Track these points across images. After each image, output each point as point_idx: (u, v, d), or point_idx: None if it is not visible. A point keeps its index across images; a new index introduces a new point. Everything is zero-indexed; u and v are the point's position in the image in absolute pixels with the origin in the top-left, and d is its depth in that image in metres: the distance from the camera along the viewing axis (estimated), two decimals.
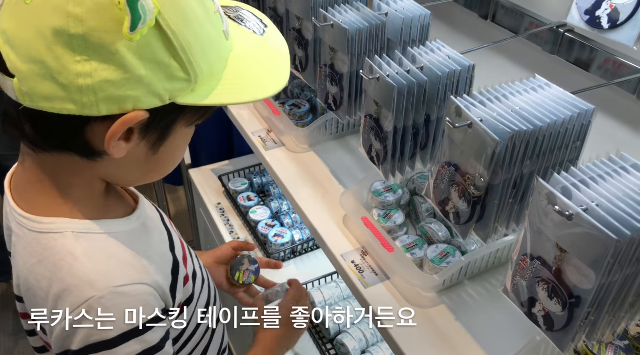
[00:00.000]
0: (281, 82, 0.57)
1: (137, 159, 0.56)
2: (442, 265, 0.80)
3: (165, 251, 0.64)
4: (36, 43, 0.46)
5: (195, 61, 0.50)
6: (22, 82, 0.47)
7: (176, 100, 0.51)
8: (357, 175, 1.04)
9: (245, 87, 0.55)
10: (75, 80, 0.47)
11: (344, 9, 0.88)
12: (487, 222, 0.64)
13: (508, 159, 0.59)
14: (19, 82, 0.47)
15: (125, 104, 0.49)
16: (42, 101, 0.48)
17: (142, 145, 0.54)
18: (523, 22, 0.97)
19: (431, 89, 0.73)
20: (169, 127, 0.55)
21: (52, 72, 0.46)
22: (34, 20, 0.45)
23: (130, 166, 0.57)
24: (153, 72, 0.48)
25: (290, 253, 1.33)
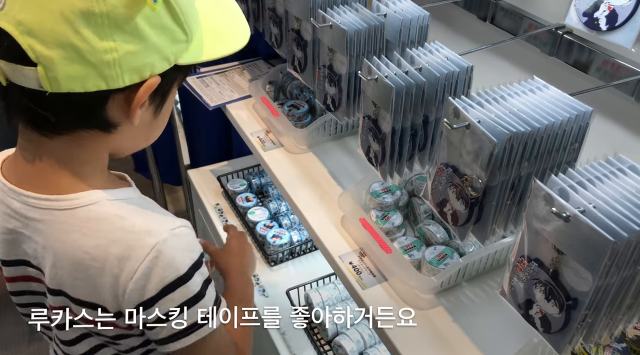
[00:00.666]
0: (245, 28, 0.63)
1: (143, 125, 0.60)
2: (440, 267, 0.79)
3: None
4: (62, 28, 0.48)
5: (188, 21, 0.55)
6: (50, 68, 0.49)
7: (178, 61, 0.56)
8: (355, 176, 1.04)
9: (222, 41, 0.61)
10: (103, 57, 0.50)
11: (343, 9, 0.88)
12: (485, 224, 0.64)
13: (506, 160, 0.59)
14: (44, 69, 0.49)
15: (144, 72, 0.53)
16: (72, 83, 0.50)
17: (149, 111, 0.59)
18: (522, 23, 0.97)
19: (429, 90, 0.73)
20: (170, 88, 0.60)
21: (82, 52, 0.49)
22: (56, 6, 0.48)
23: (138, 133, 0.61)
24: (162, 37, 0.53)
25: (289, 254, 1.33)
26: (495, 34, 1.02)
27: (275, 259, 1.31)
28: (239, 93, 1.31)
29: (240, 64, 1.44)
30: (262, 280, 1.28)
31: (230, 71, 1.41)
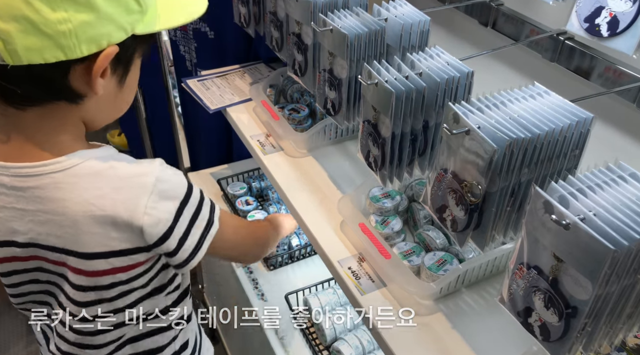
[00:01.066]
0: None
1: (109, 95, 0.63)
2: (439, 273, 0.79)
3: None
4: (14, 1, 0.50)
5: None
6: (8, 41, 0.51)
7: (135, 31, 0.58)
8: (355, 181, 1.03)
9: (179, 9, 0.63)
10: (58, 28, 0.52)
11: (344, 14, 0.88)
12: (485, 230, 0.64)
13: (505, 166, 0.58)
14: (2, 43, 0.51)
15: (101, 41, 0.55)
16: (31, 54, 0.52)
17: (112, 81, 0.62)
18: (523, 29, 0.97)
19: (429, 95, 0.73)
20: (131, 59, 0.62)
21: (36, 24, 0.51)
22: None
23: (106, 103, 0.64)
24: (115, 7, 0.55)
25: (288, 258, 1.32)
26: (497, 39, 1.01)
27: (274, 263, 1.31)
28: (239, 96, 1.31)
29: (242, 67, 1.44)
30: (261, 284, 1.28)
31: (231, 74, 1.41)
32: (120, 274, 0.66)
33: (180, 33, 1.55)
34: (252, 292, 1.24)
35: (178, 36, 1.55)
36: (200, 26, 1.50)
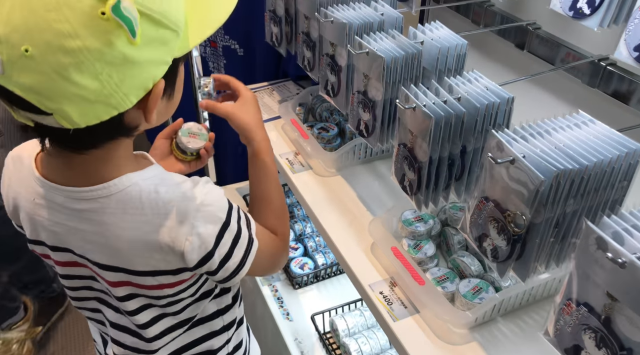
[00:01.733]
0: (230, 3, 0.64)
1: (160, 112, 0.63)
2: (475, 301, 0.77)
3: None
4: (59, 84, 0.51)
5: (174, 18, 0.56)
6: (63, 115, 0.53)
7: (175, 56, 0.58)
8: (385, 202, 1.03)
9: (206, 19, 0.62)
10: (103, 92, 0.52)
11: (379, 36, 0.88)
12: (527, 261, 0.62)
13: (551, 198, 0.57)
14: (59, 116, 0.53)
15: (147, 84, 0.56)
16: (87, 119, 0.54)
17: (163, 101, 0.62)
18: (559, 52, 0.95)
19: (468, 120, 0.72)
20: (176, 76, 0.63)
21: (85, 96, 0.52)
22: (49, 67, 0.50)
23: (159, 119, 0.64)
24: (153, 48, 0.54)
25: (313, 277, 1.31)
26: (532, 63, 1.00)
27: (300, 282, 1.30)
28: (268, 114, 1.31)
29: (270, 84, 1.45)
30: (286, 303, 1.27)
31: (259, 91, 1.42)
32: (167, 289, 0.68)
33: (210, 49, 1.57)
34: (277, 311, 1.23)
35: (208, 53, 1.57)
36: (230, 43, 1.52)
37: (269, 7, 1.22)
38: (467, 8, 1.12)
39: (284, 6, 1.15)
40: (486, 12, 1.06)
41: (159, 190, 0.63)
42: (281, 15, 1.17)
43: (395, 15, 0.94)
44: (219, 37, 1.51)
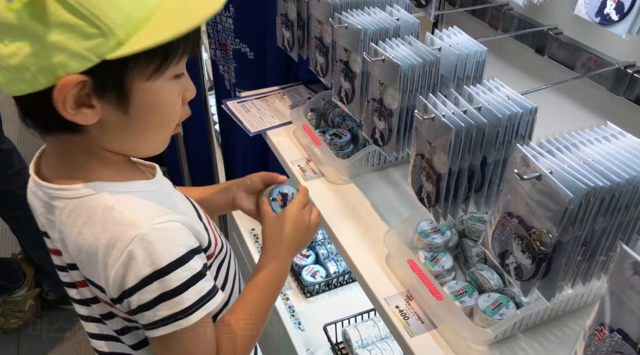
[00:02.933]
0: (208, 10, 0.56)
1: (116, 123, 0.60)
2: (495, 318, 0.75)
3: (192, 214, 0.71)
4: None
5: (102, 14, 0.52)
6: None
7: (106, 57, 0.53)
8: (399, 210, 1.00)
9: (173, 24, 0.55)
10: (10, 62, 0.52)
11: (395, 42, 0.85)
12: (553, 281, 0.60)
13: (580, 216, 0.54)
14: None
15: (57, 72, 0.53)
16: (8, 88, 0.55)
17: (107, 109, 0.59)
18: (580, 57, 0.92)
19: (490, 131, 0.69)
20: (121, 84, 0.58)
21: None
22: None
23: (116, 132, 0.62)
24: (64, 35, 0.52)
25: (325, 285, 1.29)
26: (553, 69, 0.97)
27: (312, 291, 1.28)
28: (279, 119, 1.29)
29: (281, 89, 1.43)
30: (298, 312, 1.25)
31: (270, 96, 1.40)
32: (103, 303, 0.68)
33: (220, 52, 1.55)
34: (289, 320, 1.21)
35: (218, 56, 1.55)
36: (240, 46, 1.50)
37: (280, 10, 1.20)
38: (484, 12, 1.09)
39: (296, 10, 1.13)
40: (504, 16, 1.03)
41: (115, 208, 0.60)
42: (293, 19, 1.15)
43: (412, 21, 0.92)
44: (229, 40, 1.49)
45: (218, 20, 1.46)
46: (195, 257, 0.63)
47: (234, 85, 1.59)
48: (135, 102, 0.60)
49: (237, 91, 1.58)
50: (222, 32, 1.48)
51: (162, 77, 0.61)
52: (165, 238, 0.60)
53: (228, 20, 1.45)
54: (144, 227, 0.59)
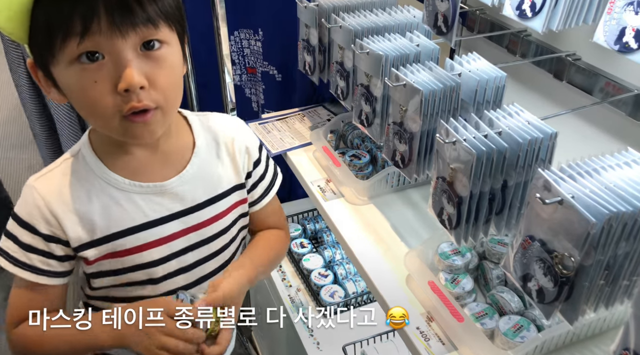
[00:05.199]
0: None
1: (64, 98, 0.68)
2: (516, 340, 0.75)
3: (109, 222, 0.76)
4: None
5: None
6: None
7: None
8: (418, 231, 1.01)
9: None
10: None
11: (416, 68, 0.88)
12: (575, 304, 0.60)
13: (603, 240, 0.55)
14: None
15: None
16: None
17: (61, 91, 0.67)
18: (598, 82, 0.94)
19: (510, 155, 0.71)
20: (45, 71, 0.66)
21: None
22: None
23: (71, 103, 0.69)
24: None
25: (344, 305, 1.30)
26: (570, 93, 0.98)
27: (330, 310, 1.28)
28: (299, 140, 1.32)
29: (301, 110, 1.46)
30: (316, 332, 1.25)
31: (291, 117, 1.43)
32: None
33: (247, 76, 1.60)
34: (308, 340, 1.22)
35: (244, 80, 1.60)
36: (268, 69, 1.55)
37: (302, 36, 1.24)
38: (502, 37, 1.11)
39: (318, 36, 1.16)
40: (522, 42, 1.05)
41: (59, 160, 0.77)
42: (314, 44, 1.19)
43: (432, 47, 0.94)
44: (258, 63, 1.54)
45: (246, 45, 1.52)
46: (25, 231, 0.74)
47: (262, 106, 1.63)
48: (62, 87, 0.67)
49: (265, 112, 1.62)
50: (249, 56, 1.54)
51: (60, 62, 0.63)
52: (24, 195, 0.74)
53: (257, 43, 1.50)
54: (31, 180, 0.75)
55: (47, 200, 0.73)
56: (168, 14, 0.66)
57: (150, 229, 0.78)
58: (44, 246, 0.74)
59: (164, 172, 0.78)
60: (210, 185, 0.83)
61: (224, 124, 0.86)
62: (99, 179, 0.75)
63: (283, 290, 1.37)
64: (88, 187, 0.75)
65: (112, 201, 0.76)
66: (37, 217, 0.73)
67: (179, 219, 0.80)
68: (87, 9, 0.59)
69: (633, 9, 0.64)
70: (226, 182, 0.85)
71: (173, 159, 0.79)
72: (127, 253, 0.77)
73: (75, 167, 0.76)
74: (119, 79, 0.62)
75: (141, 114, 0.66)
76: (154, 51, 0.65)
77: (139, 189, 0.77)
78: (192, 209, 0.81)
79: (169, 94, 0.68)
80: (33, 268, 0.75)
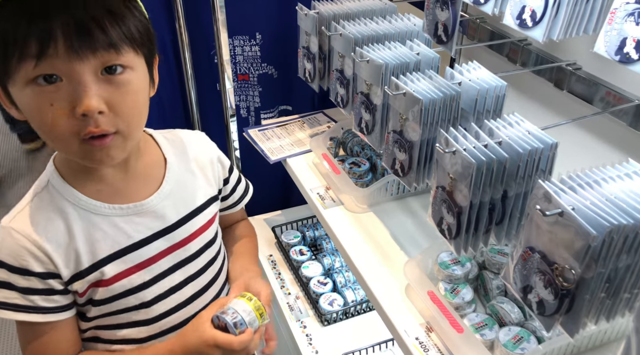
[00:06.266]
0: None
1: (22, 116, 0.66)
2: (516, 352, 0.74)
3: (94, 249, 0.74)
4: None
5: None
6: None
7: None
8: (418, 240, 1.01)
9: None
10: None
11: (416, 76, 0.87)
12: (576, 317, 0.60)
13: (604, 253, 0.55)
14: None
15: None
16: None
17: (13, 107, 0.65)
18: (598, 91, 0.93)
19: (511, 165, 0.70)
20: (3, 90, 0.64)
21: None
22: None
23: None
24: None
25: (342, 314, 1.29)
26: (570, 102, 0.98)
27: (329, 319, 1.28)
28: (299, 147, 1.32)
29: (301, 117, 1.46)
30: (315, 340, 1.25)
31: (290, 124, 1.43)
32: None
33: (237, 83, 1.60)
34: (306, 348, 1.21)
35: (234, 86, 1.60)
36: (267, 69, 1.55)
37: (302, 44, 1.24)
38: (502, 46, 1.11)
39: (318, 43, 1.16)
40: (523, 51, 1.05)
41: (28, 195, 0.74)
42: (315, 52, 1.18)
43: (432, 55, 0.94)
44: (253, 67, 1.54)
45: (239, 52, 1.51)
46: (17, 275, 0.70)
47: (257, 109, 1.62)
48: (19, 106, 0.65)
49: (261, 114, 1.62)
50: (242, 63, 1.53)
51: (17, 82, 0.61)
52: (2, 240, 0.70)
53: (253, 48, 1.50)
54: (5, 222, 0.71)
55: (32, 239, 0.69)
56: (133, 38, 0.63)
57: (136, 251, 0.76)
58: (42, 285, 0.71)
59: (140, 192, 0.77)
60: (188, 200, 0.82)
61: (190, 140, 0.87)
62: (76, 206, 0.72)
63: (282, 298, 1.36)
64: (66, 217, 0.72)
65: (93, 228, 0.73)
66: (26, 258, 0.69)
67: (163, 237, 0.79)
68: (44, 31, 0.57)
69: (634, 19, 0.64)
70: (202, 194, 0.85)
71: (147, 177, 0.78)
72: (116, 279, 0.75)
73: (48, 199, 0.72)
74: (77, 103, 0.61)
75: (99, 139, 0.64)
76: (115, 75, 0.63)
77: (119, 212, 0.74)
78: (175, 226, 0.80)
79: (130, 119, 0.66)
80: (38, 309, 0.71)
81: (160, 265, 0.79)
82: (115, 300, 0.77)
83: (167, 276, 0.80)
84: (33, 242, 0.69)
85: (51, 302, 0.72)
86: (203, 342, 0.74)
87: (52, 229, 0.71)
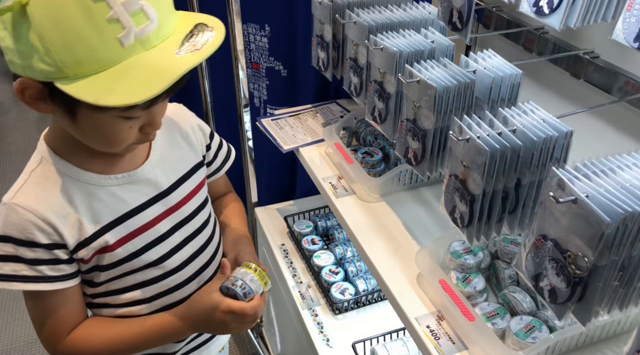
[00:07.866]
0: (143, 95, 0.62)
1: (67, 122, 0.70)
2: (528, 341, 0.74)
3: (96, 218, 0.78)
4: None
5: (55, 52, 0.60)
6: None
7: (55, 82, 0.63)
8: (430, 230, 1.01)
9: (117, 92, 0.62)
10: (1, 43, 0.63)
11: (430, 64, 0.87)
12: (588, 305, 0.59)
13: (617, 240, 0.54)
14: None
15: (25, 71, 0.63)
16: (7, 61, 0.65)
17: (59, 110, 0.69)
18: (617, 80, 0.92)
19: (524, 154, 0.70)
20: (70, 103, 0.65)
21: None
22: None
23: (68, 126, 0.72)
24: (28, 49, 0.61)
25: (354, 303, 1.29)
26: (588, 91, 0.97)
27: (340, 308, 1.29)
28: (312, 137, 1.32)
29: (314, 107, 1.46)
30: (326, 329, 1.25)
31: (303, 114, 1.43)
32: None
33: (251, 71, 1.60)
34: (317, 337, 1.22)
35: (249, 74, 1.60)
36: (274, 64, 1.55)
37: (316, 32, 1.24)
38: (519, 35, 1.10)
39: (332, 32, 1.16)
40: (539, 39, 1.04)
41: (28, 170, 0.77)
42: (328, 40, 1.18)
43: (446, 43, 0.93)
44: (262, 58, 1.54)
45: (252, 40, 1.51)
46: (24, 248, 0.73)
47: (265, 102, 1.63)
48: (80, 119, 0.69)
49: (268, 108, 1.62)
50: (255, 51, 1.53)
51: (106, 114, 0.68)
52: (10, 217, 0.73)
53: (263, 39, 1.50)
54: (7, 200, 0.74)
55: (36, 211, 0.73)
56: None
57: (135, 216, 0.82)
58: (49, 255, 0.75)
59: (131, 163, 0.83)
60: (176, 167, 0.89)
61: (171, 112, 0.91)
62: (75, 180, 0.77)
63: (294, 287, 1.37)
64: (66, 189, 0.76)
65: (92, 198, 0.78)
66: (32, 230, 0.73)
67: (159, 202, 0.85)
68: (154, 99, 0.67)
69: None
70: (188, 161, 0.91)
71: (135, 149, 0.83)
72: (119, 244, 0.81)
73: (46, 174, 0.76)
74: (150, 129, 0.75)
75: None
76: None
77: (115, 181, 0.80)
78: (168, 191, 0.86)
79: None
80: (47, 278, 0.75)
81: (159, 228, 0.85)
82: (121, 264, 0.82)
83: (167, 238, 0.86)
84: (38, 215, 0.73)
85: (58, 271, 0.76)
86: (216, 309, 0.80)
87: (54, 201, 0.75)
